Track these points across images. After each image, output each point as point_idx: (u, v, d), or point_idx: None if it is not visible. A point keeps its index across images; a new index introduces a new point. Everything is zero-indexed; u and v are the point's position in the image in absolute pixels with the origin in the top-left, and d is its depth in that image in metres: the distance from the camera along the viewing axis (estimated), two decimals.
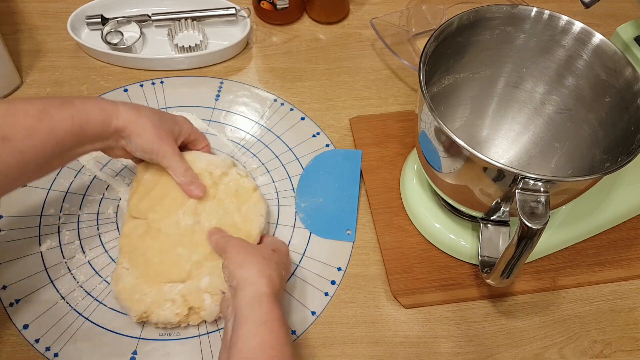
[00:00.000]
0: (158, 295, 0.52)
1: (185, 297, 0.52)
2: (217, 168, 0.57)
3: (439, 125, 0.45)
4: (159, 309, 0.51)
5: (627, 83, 0.49)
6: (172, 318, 0.51)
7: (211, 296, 0.52)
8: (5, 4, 0.80)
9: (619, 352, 0.56)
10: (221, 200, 0.56)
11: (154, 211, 0.55)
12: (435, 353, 0.55)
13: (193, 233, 0.54)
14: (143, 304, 0.51)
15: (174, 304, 0.51)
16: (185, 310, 0.51)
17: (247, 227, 0.55)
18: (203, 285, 0.52)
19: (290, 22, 0.81)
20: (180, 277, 0.52)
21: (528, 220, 0.42)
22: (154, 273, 0.52)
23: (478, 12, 0.53)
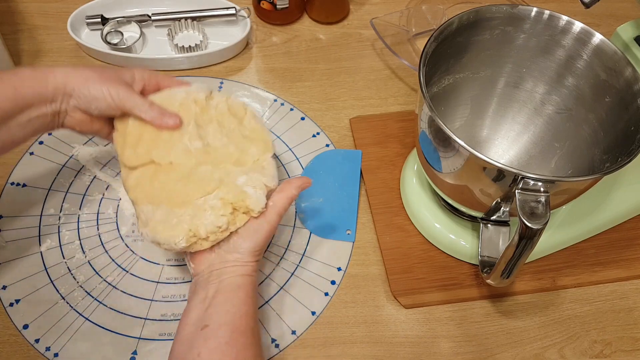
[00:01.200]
0: (195, 210, 0.48)
1: (224, 199, 0.48)
2: (199, 93, 0.54)
3: (439, 125, 0.45)
4: (202, 220, 0.47)
5: (627, 83, 0.49)
6: (220, 220, 0.47)
7: (253, 187, 0.49)
8: (5, 4, 0.80)
9: (619, 352, 0.56)
10: (220, 121, 0.54)
11: (156, 148, 0.51)
12: (435, 353, 0.55)
13: (207, 154, 0.51)
14: (185, 224, 0.47)
15: (215, 209, 0.47)
16: (230, 209, 0.48)
17: (258, 135, 0.54)
18: (241, 182, 0.49)
19: (290, 22, 0.81)
20: (212, 187, 0.49)
21: (528, 220, 0.42)
22: (184, 195, 0.49)
23: (478, 12, 0.53)
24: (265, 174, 0.51)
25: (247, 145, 0.53)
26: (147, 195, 0.49)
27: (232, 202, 0.48)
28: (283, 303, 0.57)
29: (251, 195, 0.48)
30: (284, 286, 0.58)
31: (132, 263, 0.58)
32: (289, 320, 0.56)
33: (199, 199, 0.48)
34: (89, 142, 0.66)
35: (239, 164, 0.51)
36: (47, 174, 0.64)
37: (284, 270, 0.59)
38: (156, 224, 0.48)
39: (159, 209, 0.48)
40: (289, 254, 0.60)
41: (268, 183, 0.50)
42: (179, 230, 0.47)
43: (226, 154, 0.51)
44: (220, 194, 0.48)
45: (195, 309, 0.47)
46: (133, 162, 0.51)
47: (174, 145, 0.51)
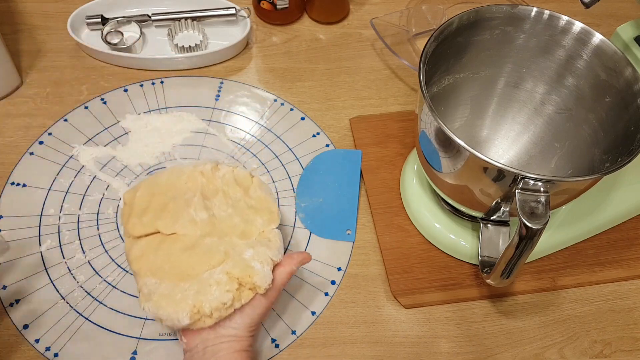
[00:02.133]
0: (200, 285, 0.46)
1: (230, 274, 0.47)
2: (206, 165, 0.55)
3: (439, 125, 0.45)
4: (207, 296, 0.46)
5: (627, 83, 0.49)
6: (225, 296, 0.46)
7: (260, 263, 0.48)
8: (5, 4, 0.80)
9: (619, 352, 0.56)
10: (225, 192, 0.54)
11: (162, 218, 0.51)
12: (435, 353, 0.55)
13: (213, 225, 0.51)
14: (189, 299, 0.46)
15: (220, 284, 0.46)
16: (235, 285, 0.46)
17: (263, 205, 0.53)
18: (248, 256, 0.48)
19: (290, 22, 0.81)
20: (218, 261, 0.48)
21: (528, 220, 0.42)
22: (188, 269, 0.48)
23: (478, 12, 0.53)
24: (271, 247, 0.50)
25: (253, 216, 0.52)
26: (150, 267, 0.48)
27: (239, 277, 0.47)
28: (283, 303, 0.57)
29: (258, 271, 0.47)
30: None
31: None
32: (289, 320, 0.56)
33: (205, 273, 0.47)
34: (89, 142, 0.66)
35: (244, 236, 0.50)
36: (47, 174, 0.64)
37: None
38: (160, 299, 0.46)
39: (163, 283, 0.47)
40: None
41: (274, 257, 0.49)
42: (182, 306, 0.45)
43: (232, 225, 0.51)
44: (227, 267, 0.47)
45: None
46: (138, 231, 0.51)
47: (180, 216, 0.51)
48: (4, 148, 0.66)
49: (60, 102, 0.70)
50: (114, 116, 0.69)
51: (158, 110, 0.70)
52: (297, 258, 0.51)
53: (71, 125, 0.68)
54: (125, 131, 0.68)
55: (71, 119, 0.68)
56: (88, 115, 0.69)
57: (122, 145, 0.66)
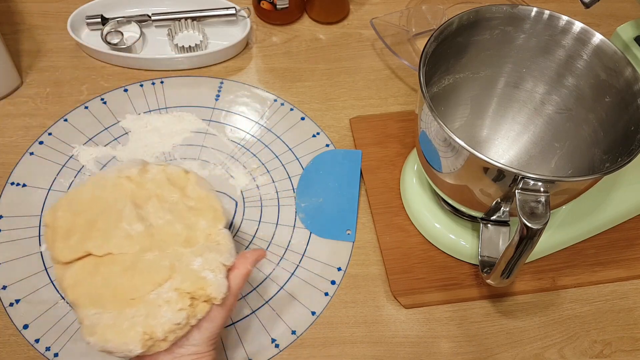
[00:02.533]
0: (148, 307, 0.42)
1: (179, 289, 0.42)
2: (131, 169, 0.49)
3: (439, 125, 0.45)
4: (159, 319, 0.41)
5: (627, 83, 0.49)
6: (178, 316, 0.41)
7: (212, 271, 0.44)
8: (5, 4, 0.80)
9: (619, 352, 0.56)
10: (160, 195, 0.48)
11: (92, 238, 0.45)
12: (435, 353, 0.55)
13: (152, 237, 0.45)
14: (138, 326, 0.41)
15: (171, 303, 0.42)
16: (188, 301, 0.42)
17: (205, 204, 0.48)
18: (197, 266, 0.43)
19: (290, 22, 0.81)
20: (164, 277, 0.43)
21: (528, 220, 0.42)
22: (132, 292, 0.42)
23: (478, 12, 0.53)
24: (222, 250, 0.45)
25: (195, 218, 0.47)
26: (89, 296, 0.43)
27: (190, 292, 0.42)
28: (283, 303, 0.57)
29: (211, 281, 0.43)
30: (284, 286, 0.58)
31: None
32: (289, 320, 0.56)
33: (151, 293, 0.42)
34: (89, 142, 0.66)
35: (189, 243, 0.45)
36: (47, 174, 0.64)
37: (284, 270, 0.59)
38: (104, 330, 0.41)
39: (105, 312, 0.42)
40: (289, 254, 0.60)
41: (226, 262, 0.44)
42: (132, 336, 0.41)
43: (173, 233, 0.45)
44: (175, 283, 0.42)
45: None
46: (66, 257, 0.44)
47: (112, 232, 0.45)
48: (4, 148, 0.66)
49: (60, 102, 0.70)
50: (114, 116, 0.69)
51: (158, 110, 0.70)
52: (251, 257, 0.47)
53: (71, 125, 0.68)
54: (125, 131, 0.68)
55: (71, 119, 0.68)
56: (88, 115, 0.69)
57: (122, 145, 0.66)
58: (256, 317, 0.56)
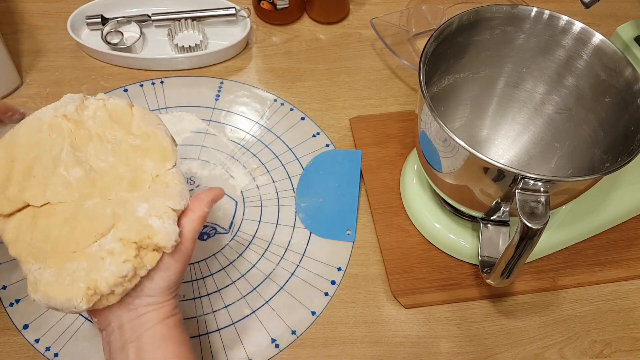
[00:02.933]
0: (90, 261, 0.39)
1: (124, 239, 0.39)
2: (67, 106, 0.45)
3: (439, 125, 0.45)
4: (102, 272, 0.38)
5: (627, 83, 0.49)
6: (124, 268, 0.38)
7: (159, 218, 0.40)
8: (5, 4, 0.80)
9: (619, 352, 0.56)
10: (101, 135, 0.44)
11: (28, 189, 0.41)
12: (435, 353, 0.55)
13: (93, 182, 0.41)
14: (80, 282, 0.38)
15: (115, 254, 0.39)
16: (133, 252, 0.39)
17: (152, 142, 0.44)
18: (142, 213, 0.40)
19: (290, 22, 0.81)
20: (107, 227, 0.40)
21: (528, 220, 0.42)
22: (72, 244, 0.40)
23: (478, 12, 0.53)
24: (170, 193, 0.41)
25: (141, 159, 0.43)
26: (30, 250, 0.40)
27: (136, 242, 0.39)
28: (283, 303, 0.57)
29: (158, 229, 0.39)
30: (284, 286, 0.58)
31: None
32: (289, 320, 0.56)
33: (92, 245, 0.39)
34: None
35: (134, 187, 0.41)
36: None
37: (284, 270, 0.59)
38: (47, 287, 0.39)
39: (47, 267, 0.39)
40: (289, 254, 0.60)
41: (176, 206, 0.41)
42: (75, 292, 0.38)
43: (116, 177, 0.42)
44: (119, 233, 0.39)
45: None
46: (5, 209, 0.42)
47: (49, 180, 0.41)
48: None
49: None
50: None
51: (158, 110, 0.70)
52: (206, 198, 0.43)
53: None
54: None
55: None
56: None
57: None
58: (256, 317, 0.56)
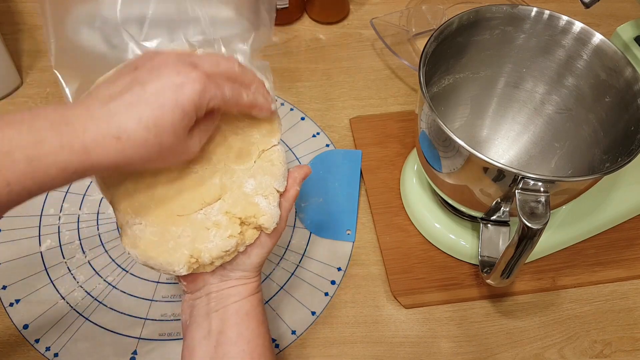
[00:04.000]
0: (195, 228, 0.39)
1: (230, 213, 0.39)
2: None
3: (439, 125, 0.45)
4: (206, 243, 0.38)
5: (627, 83, 0.49)
6: (228, 243, 0.39)
7: (265, 198, 0.40)
8: (5, 4, 0.80)
9: (619, 352, 0.56)
10: None
11: None
12: (435, 353, 0.55)
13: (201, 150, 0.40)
14: (185, 248, 0.38)
15: (221, 227, 0.39)
16: (238, 228, 0.39)
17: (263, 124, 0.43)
18: (249, 190, 0.40)
19: (290, 22, 0.81)
20: (213, 196, 0.40)
21: (528, 220, 0.42)
22: (178, 207, 0.39)
23: (478, 12, 0.53)
24: (275, 173, 0.41)
25: (249, 128, 0.42)
26: (131, 202, 0.39)
27: (241, 218, 0.39)
28: (283, 303, 0.57)
29: (264, 209, 0.40)
30: (284, 286, 0.58)
31: (132, 263, 0.58)
32: (289, 320, 0.56)
33: (198, 213, 0.39)
34: None
35: (241, 159, 0.41)
36: None
37: (284, 270, 0.59)
38: (147, 247, 0.39)
39: (148, 225, 0.39)
40: (289, 254, 0.60)
41: (280, 187, 0.41)
42: (178, 257, 0.38)
43: (225, 145, 0.41)
44: (225, 206, 0.39)
45: (201, 347, 0.40)
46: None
47: None
48: None
49: (60, 102, 0.70)
50: None
51: None
52: (298, 176, 0.44)
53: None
54: None
55: None
56: None
57: None
58: None
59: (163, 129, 0.33)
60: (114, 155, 0.33)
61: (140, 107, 0.33)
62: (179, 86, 0.33)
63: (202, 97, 0.34)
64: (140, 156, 0.34)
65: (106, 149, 0.32)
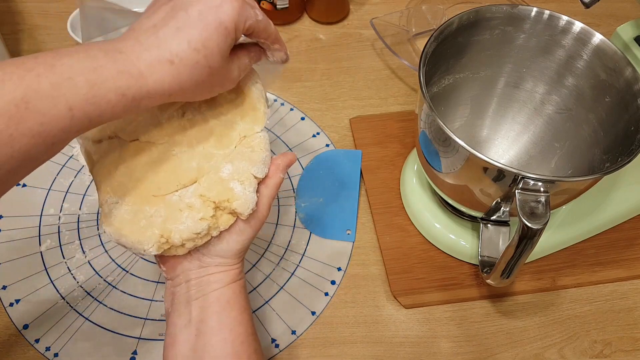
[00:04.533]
0: (168, 209, 0.39)
1: (204, 197, 0.39)
2: None
3: (439, 125, 0.45)
4: (177, 224, 0.39)
5: (627, 83, 0.49)
6: (199, 226, 0.39)
7: (240, 183, 0.40)
8: (5, 4, 0.80)
9: (619, 352, 0.56)
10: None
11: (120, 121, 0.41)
12: (435, 353, 0.55)
13: (184, 129, 0.41)
14: (155, 227, 0.39)
15: (193, 210, 0.39)
16: (211, 211, 0.39)
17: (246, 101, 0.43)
18: (226, 175, 0.40)
19: (290, 22, 0.81)
20: (190, 179, 0.40)
21: (528, 220, 0.42)
22: (154, 188, 0.40)
23: (478, 12, 0.53)
24: (254, 159, 0.41)
25: (232, 115, 0.42)
26: (111, 182, 0.40)
27: (215, 202, 0.39)
28: (283, 303, 0.57)
29: (238, 194, 0.39)
30: (284, 286, 0.58)
31: (132, 263, 0.58)
32: (289, 320, 0.56)
33: (173, 194, 0.40)
34: None
35: (221, 144, 0.41)
36: (47, 174, 0.64)
37: (284, 270, 0.59)
38: (121, 224, 0.39)
39: (124, 204, 0.40)
40: (289, 254, 0.60)
41: (258, 174, 0.41)
42: (148, 236, 0.39)
43: (206, 129, 0.41)
44: (200, 189, 0.40)
45: (182, 336, 0.40)
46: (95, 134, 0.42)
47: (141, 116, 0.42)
48: None
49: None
50: None
51: None
52: (282, 163, 0.43)
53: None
54: None
55: None
56: None
57: None
58: (256, 317, 0.56)
59: (211, 49, 0.35)
60: (170, 80, 0.34)
61: (188, 30, 0.34)
62: (218, 6, 0.35)
63: (240, 14, 0.36)
64: (194, 80, 0.35)
65: (162, 73, 0.34)
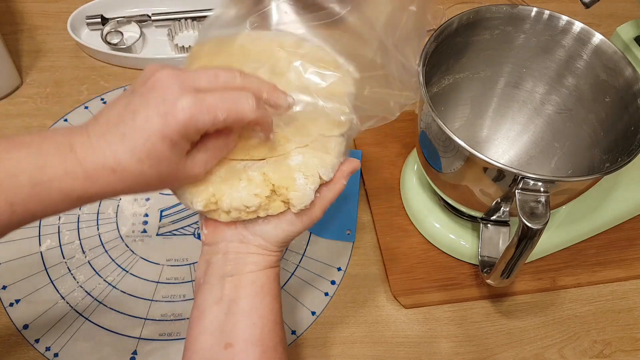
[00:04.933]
0: (229, 173, 0.39)
1: (266, 175, 0.39)
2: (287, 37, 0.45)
3: (439, 125, 0.45)
4: (232, 190, 0.38)
5: (627, 83, 0.49)
6: (250, 200, 0.38)
7: (305, 177, 0.39)
8: (5, 4, 0.80)
9: (619, 352, 0.56)
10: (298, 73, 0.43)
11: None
12: (435, 353, 0.55)
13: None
14: (211, 186, 0.39)
15: (252, 183, 0.39)
16: (267, 192, 0.39)
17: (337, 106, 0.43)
18: (294, 164, 0.40)
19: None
20: (260, 154, 0.40)
21: (528, 220, 0.42)
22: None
23: (478, 12, 0.53)
24: (326, 161, 0.41)
25: (317, 113, 0.42)
26: None
27: (274, 184, 0.39)
28: (283, 303, 0.57)
29: (298, 187, 0.39)
30: (284, 286, 0.58)
31: (132, 263, 0.58)
32: (289, 320, 0.56)
33: (240, 162, 0.40)
34: None
35: (299, 132, 0.41)
36: None
37: (284, 270, 0.59)
38: None
39: None
40: (289, 254, 0.60)
41: (325, 175, 0.40)
42: (201, 191, 0.39)
43: (289, 116, 0.41)
44: (265, 167, 0.39)
45: (211, 312, 0.40)
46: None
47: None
48: None
49: (60, 102, 0.70)
50: None
51: None
52: (347, 170, 0.43)
53: (71, 126, 0.68)
54: None
55: (71, 119, 0.68)
56: (88, 115, 0.69)
57: None
58: None
59: (156, 159, 0.33)
60: (114, 185, 0.33)
61: (132, 138, 0.33)
62: (163, 116, 0.33)
63: (188, 125, 0.33)
64: (141, 185, 0.34)
65: (106, 179, 0.33)
